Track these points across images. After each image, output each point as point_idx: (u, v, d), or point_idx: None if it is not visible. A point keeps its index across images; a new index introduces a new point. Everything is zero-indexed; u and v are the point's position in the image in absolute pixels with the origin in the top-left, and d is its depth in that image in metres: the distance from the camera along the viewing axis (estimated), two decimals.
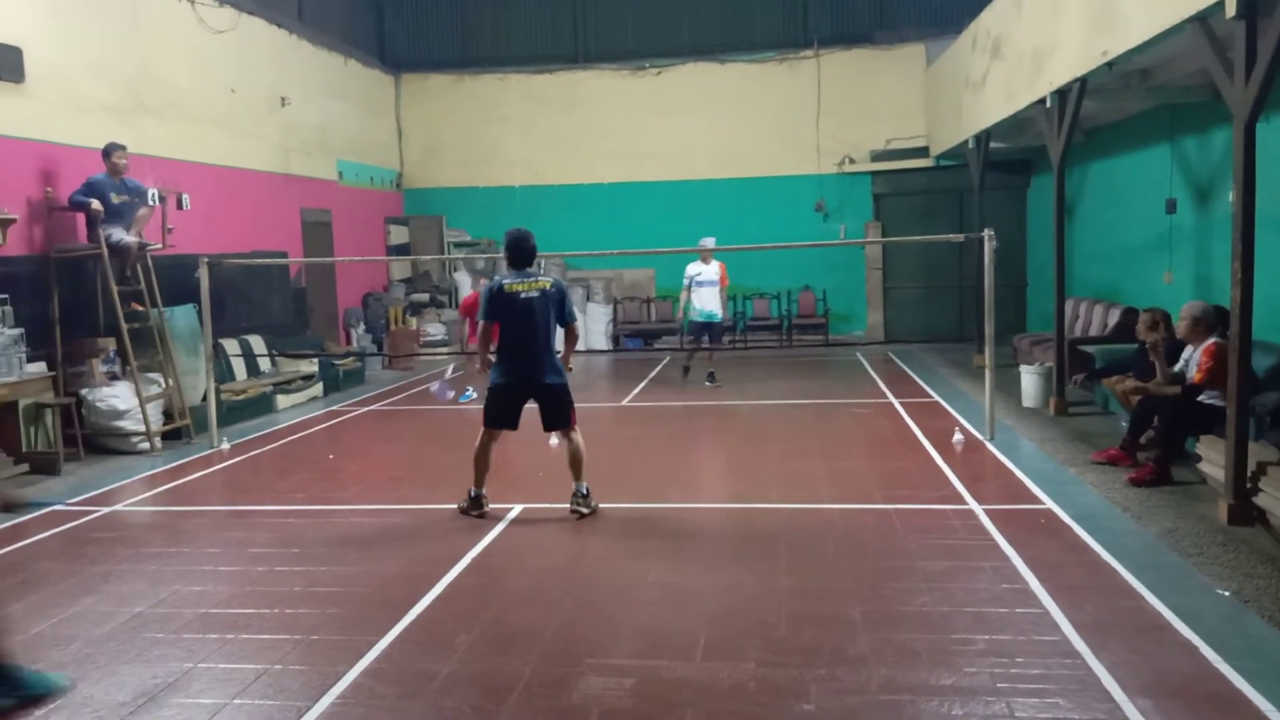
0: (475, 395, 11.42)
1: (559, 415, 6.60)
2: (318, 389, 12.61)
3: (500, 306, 6.42)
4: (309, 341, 13.75)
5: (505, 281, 6.45)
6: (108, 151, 9.54)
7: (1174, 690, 3.84)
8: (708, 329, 12.31)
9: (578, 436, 6.64)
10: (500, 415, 6.55)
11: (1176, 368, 7.51)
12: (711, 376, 12.32)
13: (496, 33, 18.30)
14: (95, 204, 9.26)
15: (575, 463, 6.62)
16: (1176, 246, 10.13)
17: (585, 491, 6.59)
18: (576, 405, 6.70)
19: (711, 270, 12.17)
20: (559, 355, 6.63)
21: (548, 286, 6.46)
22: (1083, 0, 8.41)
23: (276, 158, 13.98)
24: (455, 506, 6.72)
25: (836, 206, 17.39)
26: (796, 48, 17.41)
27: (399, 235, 17.80)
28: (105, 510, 7.22)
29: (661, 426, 10.11)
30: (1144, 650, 4.20)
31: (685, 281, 12.35)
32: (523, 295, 6.37)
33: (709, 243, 12.18)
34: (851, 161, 17.33)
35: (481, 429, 6.60)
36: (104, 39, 10.48)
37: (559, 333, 6.65)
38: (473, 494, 6.63)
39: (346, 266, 15.69)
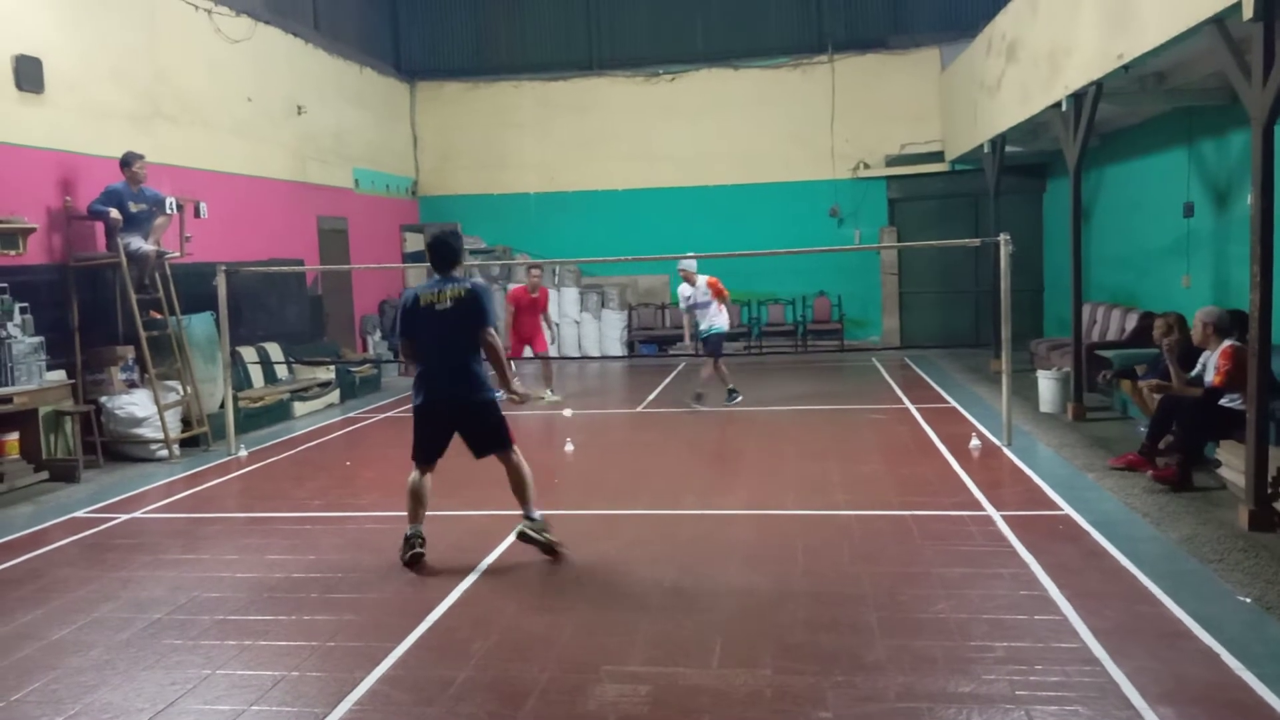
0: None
1: (492, 437, 5.77)
2: (334, 396, 12.67)
3: (414, 321, 5.70)
4: (325, 349, 13.82)
5: (419, 292, 5.72)
6: (127, 161, 9.62)
7: (1195, 698, 3.80)
8: (705, 343, 11.45)
9: (518, 457, 5.80)
10: (429, 445, 5.80)
11: (1194, 372, 7.46)
12: (699, 397, 11.15)
13: (511, 40, 18.38)
14: (114, 213, 9.33)
15: (519, 488, 5.79)
16: (1194, 250, 10.06)
17: (537, 516, 5.78)
18: (592, 412, 6.64)
19: (701, 290, 11.25)
20: (488, 371, 5.82)
21: (462, 294, 5.60)
22: (1098, 3, 8.38)
23: (293, 166, 14.07)
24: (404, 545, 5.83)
25: (851, 211, 17.36)
26: (810, 52, 17.41)
27: (415, 242, 17.84)
28: (124, 517, 7.26)
29: (676, 432, 10.09)
30: (1164, 657, 4.16)
31: (682, 305, 11.61)
32: (436, 308, 5.62)
33: (689, 265, 11.36)
34: (866, 166, 17.30)
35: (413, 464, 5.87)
36: (122, 49, 10.57)
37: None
38: (406, 534, 5.77)
39: (363, 274, 15.76)
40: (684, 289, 11.49)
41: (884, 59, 17.18)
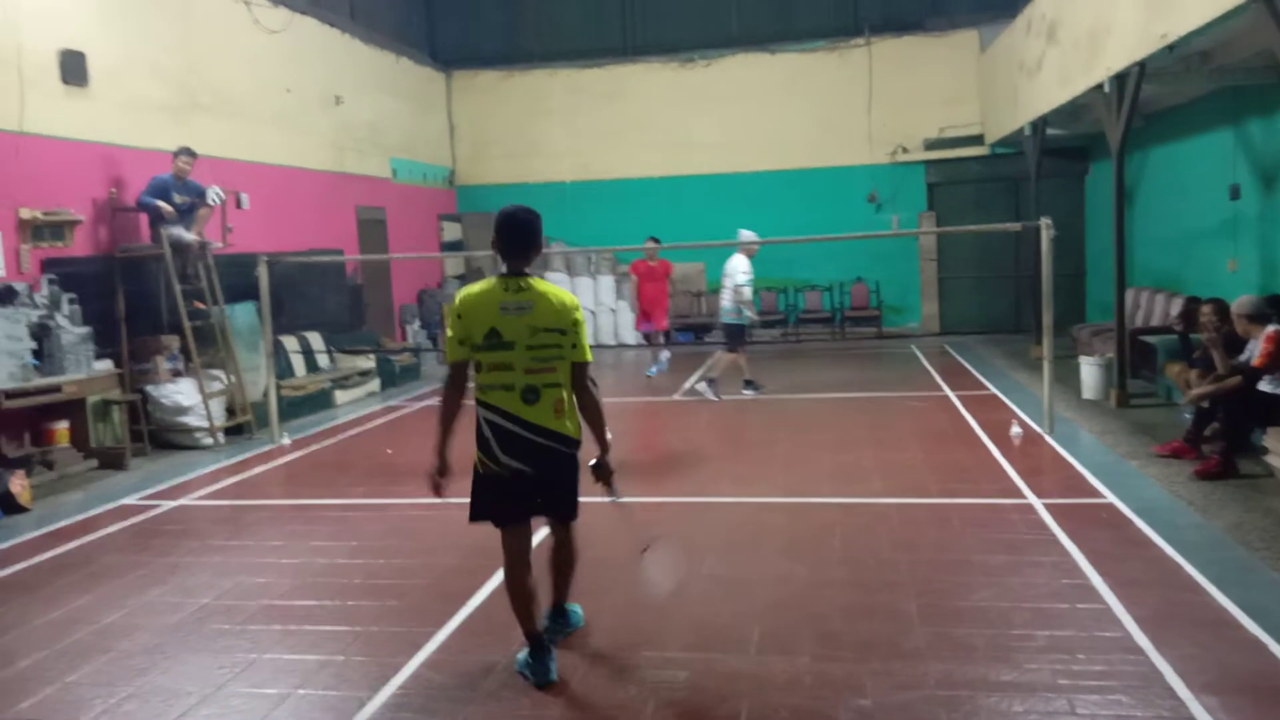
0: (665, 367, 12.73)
1: None
2: (375, 384, 12.80)
3: None
4: (365, 338, 13.95)
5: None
6: (177, 154, 9.76)
7: (1240, 687, 3.76)
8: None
9: None
10: None
11: (1241, 358, 7.32)
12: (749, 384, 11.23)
13: (544, 27, 18.37)
14: (167, 208, 9.48)
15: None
16: (1241, 233, 9.88)
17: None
18: (629, 400, 6.73)
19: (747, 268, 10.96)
20: None
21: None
22: None
23: (331, 156, 14.19)
24: None
25: (889, 196, 17.20)
26: (847, 36, 17.24)
27: (452, 231, 17.96)
28: (171, 504, 7.40)
29: (714, 420, 10.09)
30: (1209, 646, 4.12)
31: (747, 279, 10.86)
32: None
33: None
34: (904, 150, 17.13)
35: None
36: (161, 41, 10.69)
37: None
38: None
39: (401, 263, 15.87)
40: (743, 262, 10.90)
41: (921, 41, 16.97)
